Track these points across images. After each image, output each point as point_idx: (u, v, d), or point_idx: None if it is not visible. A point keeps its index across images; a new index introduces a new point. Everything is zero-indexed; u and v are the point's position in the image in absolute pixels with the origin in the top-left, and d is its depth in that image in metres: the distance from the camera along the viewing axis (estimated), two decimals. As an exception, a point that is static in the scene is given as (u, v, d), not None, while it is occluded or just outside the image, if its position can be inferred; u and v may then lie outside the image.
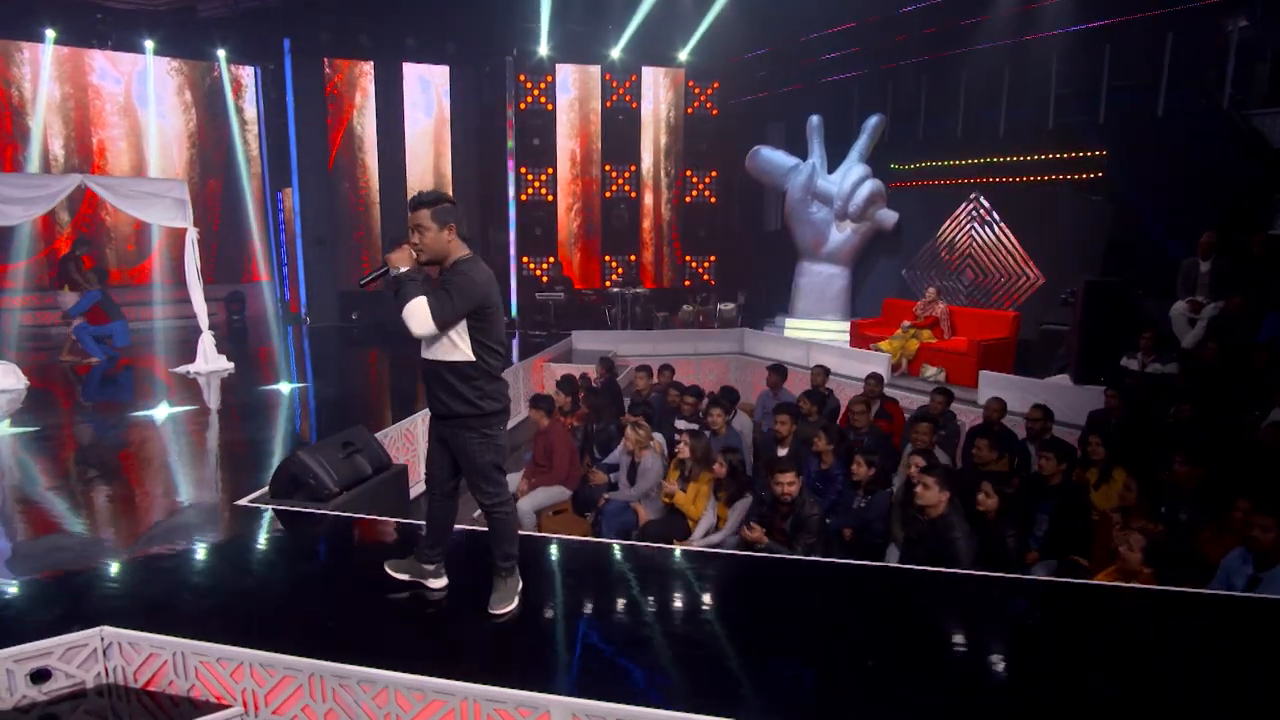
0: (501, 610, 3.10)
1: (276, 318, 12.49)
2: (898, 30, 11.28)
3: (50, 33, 10.66)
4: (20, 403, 7.02)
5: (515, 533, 3.22)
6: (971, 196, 10.39)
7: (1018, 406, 6.79)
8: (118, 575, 3.54)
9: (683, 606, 3.32)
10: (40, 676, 2.84)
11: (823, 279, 11.91)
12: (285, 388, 7.80)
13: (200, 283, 8.32)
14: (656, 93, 13.88)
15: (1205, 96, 8.46)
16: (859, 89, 12.31)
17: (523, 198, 13.29)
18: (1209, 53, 8.48)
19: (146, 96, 11.92)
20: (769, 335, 11.60)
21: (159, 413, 6.62)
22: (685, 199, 14.14)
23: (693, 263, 14.38)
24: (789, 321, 12.10)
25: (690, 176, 14.07)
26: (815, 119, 11.70)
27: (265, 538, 4.07)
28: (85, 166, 11.50)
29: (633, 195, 13.92)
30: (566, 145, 13.67)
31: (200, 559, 3.76)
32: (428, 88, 13.17)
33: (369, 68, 12.71)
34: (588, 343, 11.13)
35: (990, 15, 10.08)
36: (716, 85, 13.76)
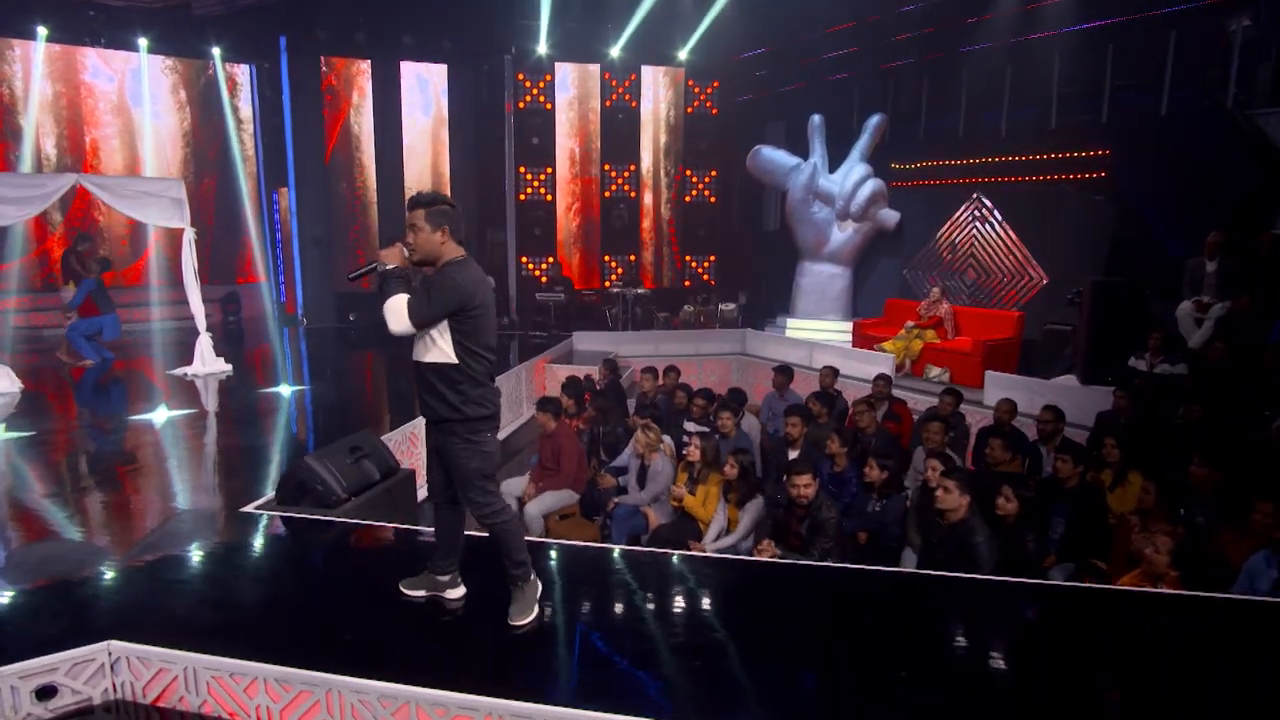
0: (521, 621, 3.02)
1: (274, 319, 12.34)
2: (898, 29, 11.27)
3: (42, 30, 10.48)
4: (14, 406, 6.87)
5: (520, 539, 3.13)
6: (973, 196, 10.37)
7: (1025, 407, 6.73)
8: (123, 586, 3.44)
9: (706, 615, 3.25)
10: (46, 693, 2.75)
11: (824, 279, 11.88)
12: (285, 390, 7.68)
13: (198, 284, 8.21)
14: (656, 92, 13.81)
15: (1208, 96, 8.46)
16: (859, 88, 12.28)
17: (521, 197, 13.20)
18: (1212, 52, 8.47)
19: (140, 95, 11.74)
20: (771, 336, 11.55)
21: (157, 416, 6.50)
22: (685, 199, 14.07)
23: (692, 263, 14.30)
24: (790, 322, 12.05)
25: (690, 176, 14.00)
26: (817, 118, 11.65)
27: (274, 546, 3.98)
28: (77, 166, 11.32)
29: (632, 195, 13.83)
30: (566, 144, 13.58)
31: (208, 569, 3.66)
32: (425, 86, 13.05)
33: (366, 66, 12.58)
34: (589, 344, 11.05)
35: (992, 14, 10.07)
36: (716, 84, 13.70)
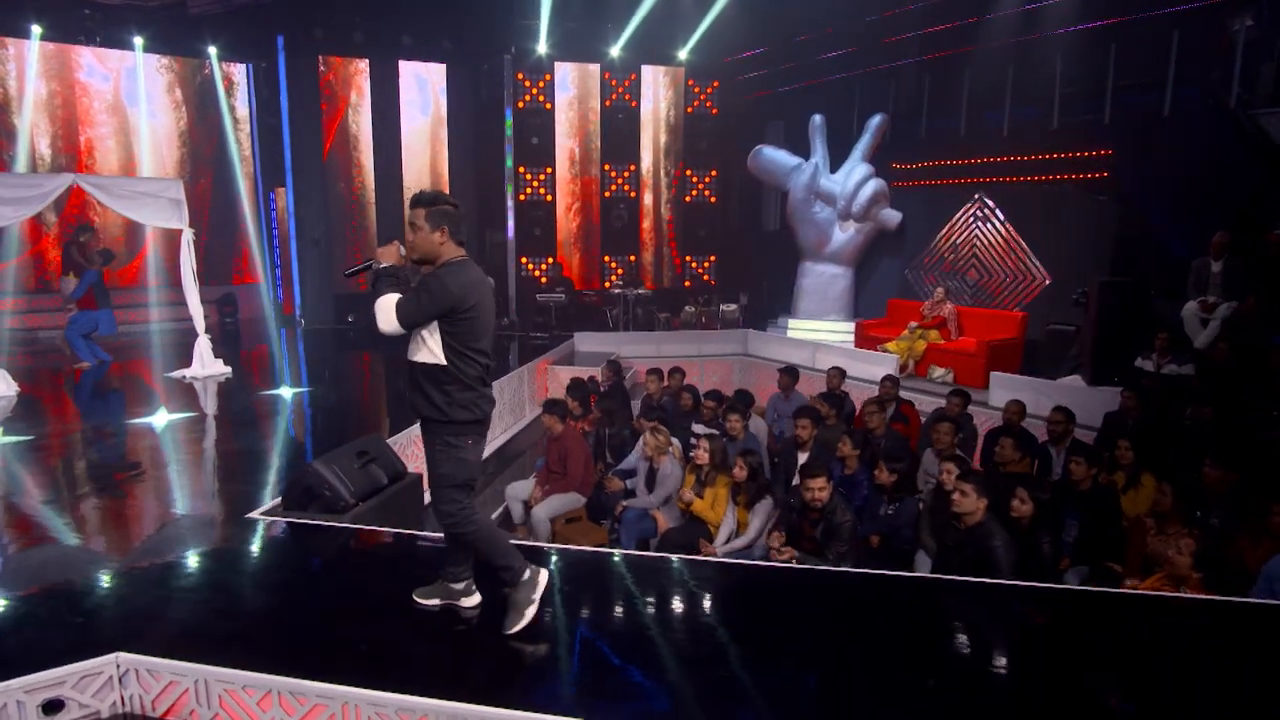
0: (513, 629, 2.96)
1: (273, 319, 12.24)
2: (899, 29, 11.23)
3: (36, 28, 10.37)
4: (10, 410, 6.77)
5: (496, 544, 3.03)
6: (975, 196, 10.35)
7: (1031, 408, 6.67)
8: (129, 595, 3.36)
9: (724, 621, 3.19)
10: (53, 708, 2.67)
11: (825, 279, 11.84)
12: (286, 393, 7.59)
13: (196, 285, 8.12)
14: (656, 91, 13.75)
15: (1211, 96, 8.44)
16: (860, 88, 12.25)
17: (521, 197, 13.13)
18: (1215, 52, 8.46)
19: (136, 94, 11.64)
20: (773, 336, 11.50)
21: (157, 420, 6.41)
22: (685, 199, 14.02)
23: (693, 263, 14.25)
24: (791, 322, 12.01)
25: (690, 176, 13.95)
26: (818, 118, 11.61)
27: (282, 553, 3.90)
28: (72, 165, 11.20)
29: (632, 195, 13.78)
30: (565, 144, 13.51)
31: (216, 577, 3.58)
32: (424, 86, 12.96)
33: (364, 65, 12.49)
34: (591, 345, 10.99)
35: (993, 14, 10.05)
36: (717, 84, 13.65)
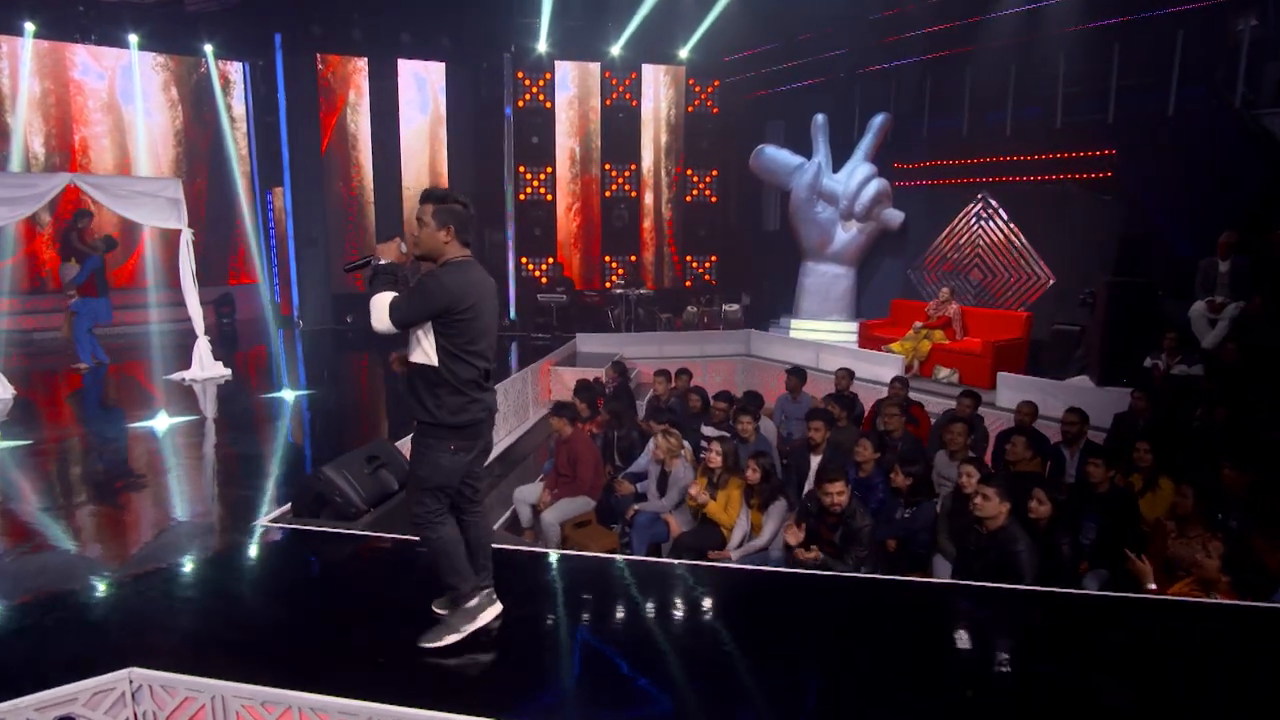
0: (428, 644, 2.89)
1: (273, 320, 12.11)
2: (901, 28, 11.20)
3: (30, 26, 10.23)
4: (7, 414, 6.66)
5: (453, 563, 2.92)
6: (979, 196, 10.32)
7: (1039, 409, 6.66)
8: (138, 607, 3.27)
9: (751, 629, 3.13)
10: (65, 725, 2.59)
11: (828, 279, 11.80)
12: (289, 395, 7.49)
13: (196, 286, 8.01)
14: (657, 90, 13.68)
15: (1216, 96, 8.44)
16: (861, 87, 12.21)
17: (521, 197, 13.04)
18: (1219, 52, 8.46)
19: (131, 93, 11.49)
20: (776, 337, 11.45)
21: (158, 424, 6.31)
22: (686, 198, 13.96)
23: (694, 263, 14.19)
24: (794, 323, 11.96)
25: (690, 175, 13.88)
26: (820, 117, 11.56)
27: (295, 562, 3.82)
28: (66, 165, 11.06)
29: (633, 195, 13.70)
30: (565, 144, 13.43)
31: (228, 587, 3.50)
32: (423, 85, 12.85)
33: (363, 64, 12.38)
34: (593, 345, 10.91)
35: (995, 13, 10.02)
36: (717, 83, 13.59)
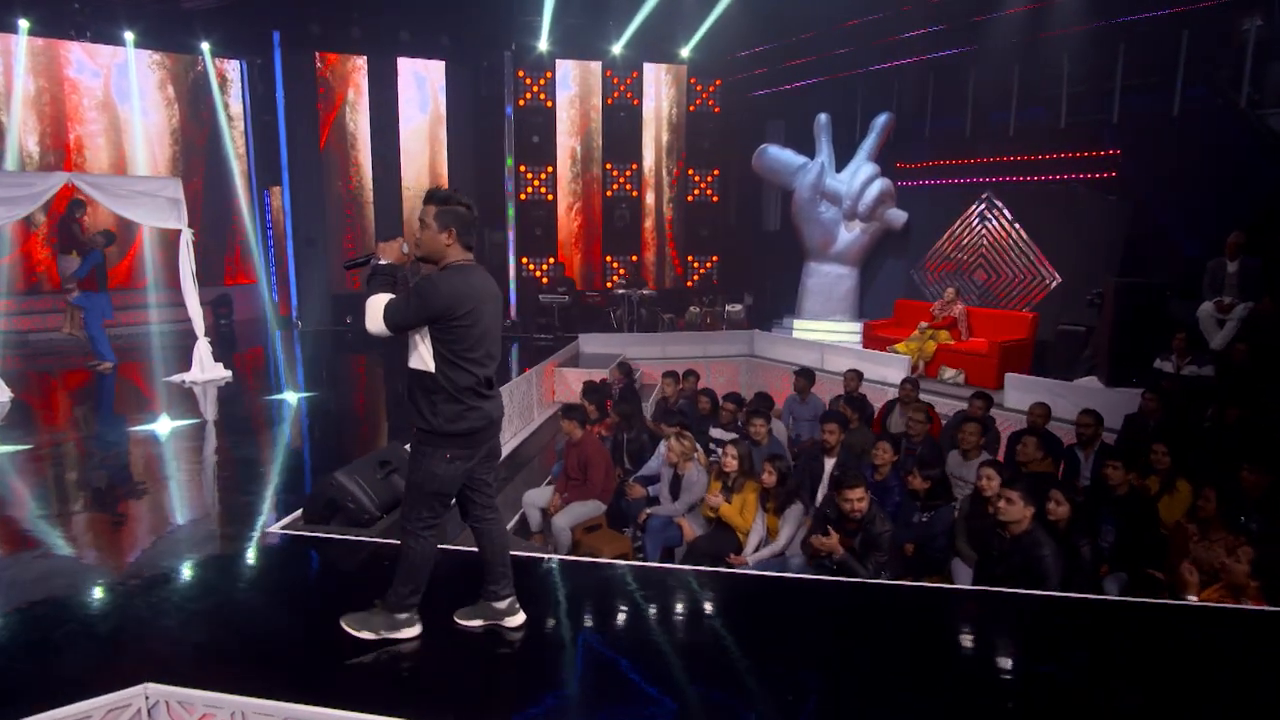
0: (354, 631, 2.86)
1: (272, 321, 11.98)
2: (904, 28, 11.16)
3: (24, 23, 10.08)
4: (3, 417, 6.54)
5: (415, 574, 2.86)
6: (983, 196, 10.29)
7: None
8: (149, 618, 3.18)
9: (769, 635, 3.08)
10: (80, 743, 2.51)
11: (831, 279, 11.76)
12: (291, 397, 7.39)
13: (195, 286, 7.90)
14: (658, 89, 13.60)
15: (1221, 96, 8.43)
16: (864, 87, 12.18)
17: (522, 197, 12.95)
18: (1224, 51, 8.45)
19: (127, 91, 11.35)
20: (779, 337, 11.39)
21: (160, 427, 6.20)
22: (687, 198, 13.89)
23: (695, 263, 14.13)
24: (797, 323, 11.91)
25: (692, 175, 13.82)
26: (823, 117, 11.52)
27: (308, 570, 3.74)
28: (60, 163, 10.89)
29: (634, 194, 13.62)
30: (566, 143, 13.34)
31: (242, 597, 3.42)
32: (423, 83, 12.74)
33: (362, 62, 12.26)
34: (596, 346, 10.83)
35: (999, 13, 9.99)
36: (719, 82, 13.52)
